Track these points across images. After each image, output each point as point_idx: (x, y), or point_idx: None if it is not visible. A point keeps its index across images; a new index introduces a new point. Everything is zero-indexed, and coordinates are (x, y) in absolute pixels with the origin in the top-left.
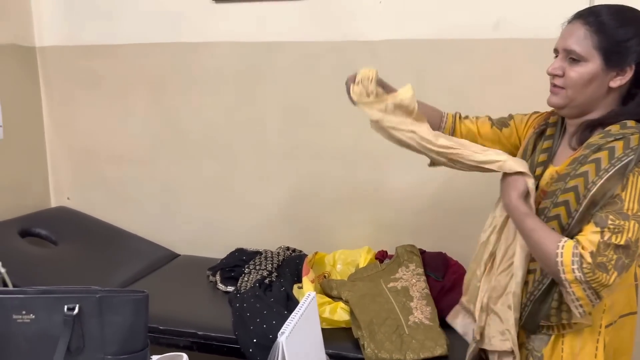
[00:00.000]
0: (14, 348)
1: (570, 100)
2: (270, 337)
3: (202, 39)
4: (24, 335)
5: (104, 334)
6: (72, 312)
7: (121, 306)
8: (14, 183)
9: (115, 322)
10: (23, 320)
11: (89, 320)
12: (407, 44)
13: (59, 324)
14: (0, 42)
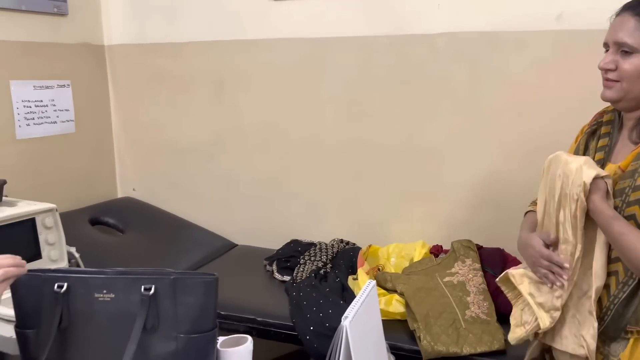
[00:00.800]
0: (95, 324)
1: (626, 93)
2: (327, 325)
3: (261, 36)
4: (104, 312)
5: (177, 314)
6: (149, 292)
7: (193, 287)
8: (85, 174)
9: (187, 302)
10: (104, 298)
11: (163, 300)
12: (465, 36)
13: (136, 303)
14: (73, 41)
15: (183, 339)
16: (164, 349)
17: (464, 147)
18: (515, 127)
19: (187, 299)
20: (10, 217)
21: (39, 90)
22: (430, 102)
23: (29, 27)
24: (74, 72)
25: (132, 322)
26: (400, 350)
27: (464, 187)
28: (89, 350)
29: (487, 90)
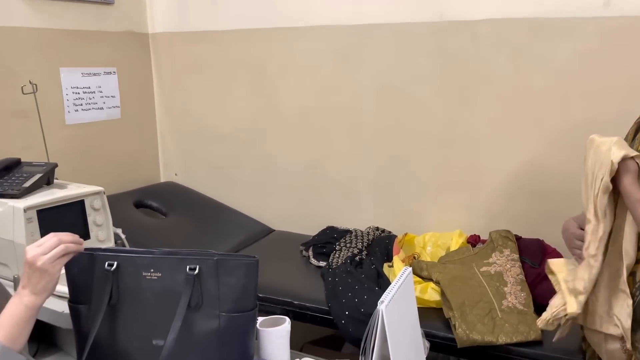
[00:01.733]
0: (143, 301)
1: None
2: (362, 310)
3: (301, 24)
4: (151, 290)
5: (220, 293)
6: (193, 272)
7: (235, 268)
8: (129, 159)
9: (229, 282)
10: (151, 277)
11: (207, 280)
12: (508, 23)
13: (181, 282)
14: (119, 29)
15: (225, 317)
16: (207, 326)
17: (504, 135)
18: (558, 116)
19: (229, 280)
20: (61, 199)
21: (86, 77)
22: (470, 89)
23: (77, 15)
24: (119, 60)
25: (177, 300)
26: (435, 338)
27: (503, 176)
28: (136, 325)
29: (530, 78)
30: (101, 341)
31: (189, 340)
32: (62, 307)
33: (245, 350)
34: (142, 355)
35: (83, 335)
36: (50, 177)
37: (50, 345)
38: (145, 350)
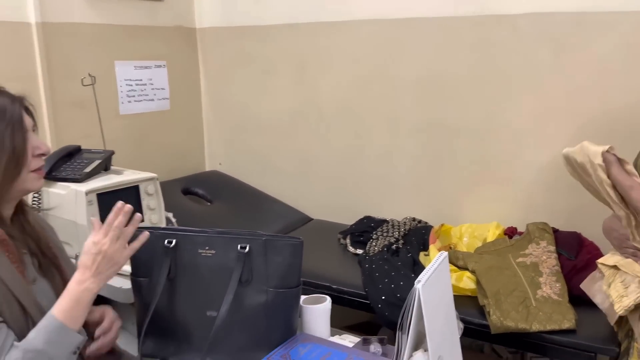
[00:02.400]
0: (198, 275)
1: None
2: (398, 295)
3: (342, 18)
4: (206, 265)
5: (268, 270)
6: (244, 250)
7: (282, 248)
8: (177, 148)
9: (276, 261)
10: (206, 254)
11: (256, 258)
12: (549, 17)
13: (233, 259)
14: (168, 25)
15: (272, 293)
16: (256, 300)
17: (543, 128)
18: (598, 110)
19: (277, 258)
20: (118, 184)
21: (139, 70)
22: (510, 83)
23: (131, 11)
24: (169, 53)
25: (229, 275)
26: (470, 324)
27: (542, 169)
28: (192, 297)
29: (570, 71)
30: (160, 312)
31: (239, 312)
32: (120, 283)
33: (290, 323)
34: (197, 325)
35: (144, 306)
36: (108, 163)
37: None
38: (199, 320)
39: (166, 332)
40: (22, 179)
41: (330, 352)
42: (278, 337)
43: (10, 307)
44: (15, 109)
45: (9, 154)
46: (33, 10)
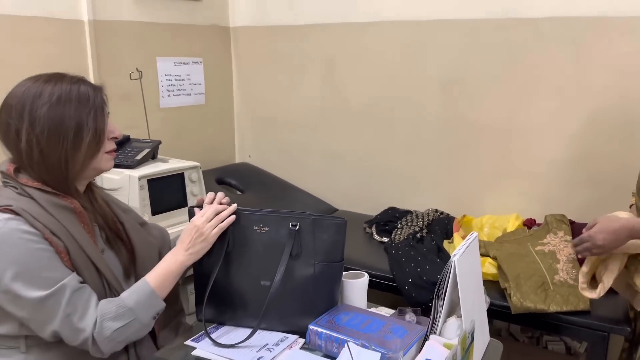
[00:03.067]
0: (253, 249)
1: None
2: (424, 278)
3: (370, 19)
4: (260, 241)
5: (315, 246)
6: (295, 228)
7: (328, 227)
8: (210, 140)
9: (323, 238)
10: (260, 230)
11: (305, 235)
12: (570, 21)
13: (284, 235)
14: (205, 23)
15: (319, 266)
16: (305, 272)
17: (563, 127)
18: (616, 111)
19: (323, 235)
20: (165, 171)
21: (178, 66)
22: (531, 83)
23: (172, 10)
24: (205, 51)
25: (281, 250)
26: (492, 306)
27: (560, 165)
28: (248, 268)
29: (590, 73)
30: (219, 281)
31: (290, 283)
32: None
33: (333, 294)
34: (252, 293)
35: (203, 276)
36: (155, 152)
37: None
38: (254, 289)
39: (223, 300)
40: (98, 159)
41: (370, 319)
42: (323, 306)
43: (88, 271)
44: (97, 96)
45: (92, 134)
46: (86, 9)
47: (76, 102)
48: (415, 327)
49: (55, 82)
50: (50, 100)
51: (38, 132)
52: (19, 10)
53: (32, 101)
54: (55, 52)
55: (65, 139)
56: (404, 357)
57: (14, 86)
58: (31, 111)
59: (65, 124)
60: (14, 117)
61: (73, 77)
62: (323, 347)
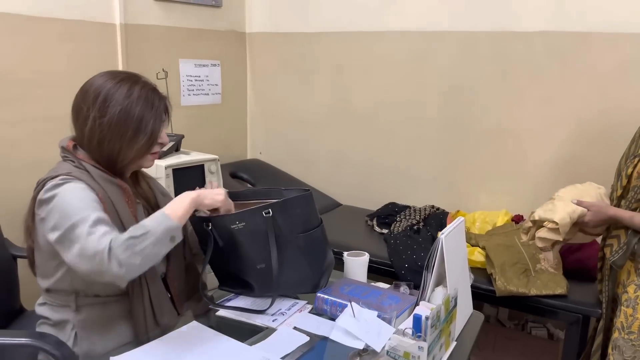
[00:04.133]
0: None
1: None
2: (419, 264)
3: (377, 29)
4: (242, 234)
5: (291, 222)
6: (269, 215)
7: (297, 203)
8: (225, 137)
9: (296, 213)
10: (238, 227)
11: (279, 216)
12: (559, 35)
13: (261, 222)
14: (223, 29)
15: (302, 237)
16: (292, 245)
17: (549, 132)
18: (598, 119)
19: (295, 211)
20: (188, 162)
21: (198, 67)
22: (522, 91)
23: (193, 16)
24: (222, 54)
25: (262, 236)
26: (479, 290)
27: (547, 167)
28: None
29: (575, 83)
30: (224, 269)
31: (284, 258)
32: None
33: (325, 253)
34: (251, 276)
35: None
36: (179, 145)
37: None
38: (252, 271)
39: (232, 280)
40: (144, 158)
41: (369, 290)
42: (319, 266)
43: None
44: (161, 104)
45: (147, 137)
46: (118, 13)
47: (143, 106)
48: (408, 297)
49: (131, 84)
50: (122, 98)
51: (103, 123)
52: (62, 14)
53: (107, 94)
54: (91, 52)
55: (124, 136)
56: (397, 318)
57: (91, 76)
58: (104, 102)
59: (128, 122)
60: (87, 103)
61: (146, 82)
62: (328, 311)
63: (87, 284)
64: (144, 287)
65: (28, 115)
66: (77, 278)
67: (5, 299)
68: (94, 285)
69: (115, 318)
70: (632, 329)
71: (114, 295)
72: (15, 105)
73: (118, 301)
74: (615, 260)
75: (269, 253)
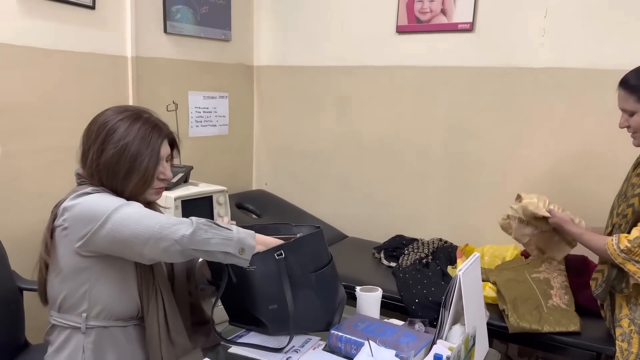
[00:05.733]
0: (252, 283)
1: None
2: (430, 299)
3: (383, 64)
4: (254, 276)
5: (303, 261)
6: (281, 256)
7: (307, 241)
8: (231, 168)
9: (307, 252)
10: (250, 269)
11: (291, 256)
12: (565, 72)
13: (273, 264)
14: (232, 62)
15: (313, 276)
16: (304, 284)
17: (558, 168)
18: (604, 153)
19: (306, 250)
20: (197, 194)
21: (207, 99)
22: (528, 126)
23: (203, 50)
24: (230, 86)
25: (274, 277)
26: (490, 326)
27: (553, 201)
28: (254, 297)
29: (582, 120)
30: (236, 306)
31: (296, 297)
32: None
33: (336, 290)
34: (264, 316)
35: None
36: (187, 176)
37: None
38: (264, 313)
39: (244, 317)
40: (145, 193)
41: (384, 327)
42: (331, 303)
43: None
44: (158, 142)
45: (141, 176)
46: (129, 46)
47: (138, 145)
48: (423, 334)
49: (132, 121)
50: (118, 137)
51: (100, 161)
52: (74, 47)
53: (106, 134)
54: (103, 84)
55: (117, 174)
56: (414, 357)
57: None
58: (102, 141)
59: (121, 162)
60: (90, 139)
61: (148, 118)
62: (343, 349)
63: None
64: (160, 304)
65: (39, 147)
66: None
67: (10, 332)
68: (110, 306)
69: (128, 342)
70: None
71: (127, 319)
72: (26, 137)
73: (130, 326)
74: (598, 294)
75: (282, 294)
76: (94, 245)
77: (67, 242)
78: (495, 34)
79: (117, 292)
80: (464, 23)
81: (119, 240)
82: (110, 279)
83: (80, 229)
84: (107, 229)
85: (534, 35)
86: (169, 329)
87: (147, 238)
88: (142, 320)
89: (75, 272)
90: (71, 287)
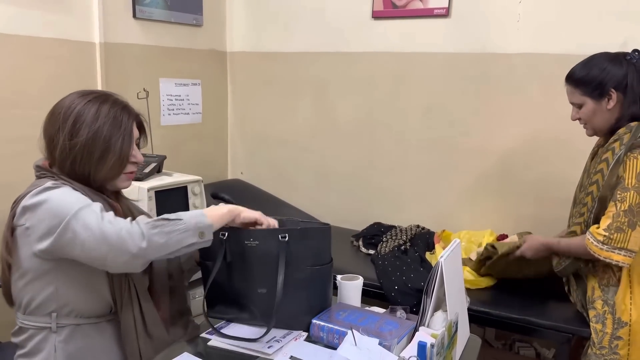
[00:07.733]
0: (248, 260)
1: (593, 129)
2: (409, 285)
3: (360, 49)
4: (253, 252)
5: (304, 253)
6: (285, 239)
7: (314, 234)
8: (205, 157)
9: (310, 244)
10: (251, 244)
11: (293, 244)
12: (539, 57)
13: (274, 246)
14: (204, 48)
15: (310, 270)
16: (298, 276)
17: (534, 150)
18: (581, 138)
19: (310, 242)
20: (171, 184)
21: (178, 87)
22: (504, 111)
23: (174, 35)
24: (203, 73)
25: (273, 259)
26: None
27: (531, 185)
28: (245, 277)
29: (556, 104)
30: (223, 287)
31: (287, 287)
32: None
33: (326, 293)
34: (250, 299)
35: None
36: (161, 166)
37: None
38: (252, 295)
39: (228, 302)
40: (118, 179)
41: (366, 315)
42: (318, 304)
43: None
44: (129, 123)
45: (117, 157)
46: (97, 32)
47: (110, 126)
48: (405, 322)
49: (100, 103)
50: (90, 119)
51: (73, 145)
52: (37, 32)
53: (76, 116)
54: (70, 71)
55: (92, 157)
56: (397, 344)
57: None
58: (73, 124)
59: (96, 144)
60: (57, 125)
61: (116, 100)
62: (325, 338)
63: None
64: (134, 299)
65: (1, 136)
66: (63, 296)
67: None
68: (79, 305)
69: (103, 338)
70: (602, 344)
71: (100, 316)
72: None
73: (103, 322)
74: (561, 270)
75: (274, 278)
76: (53, 255)
77: (29, 244)
78: (470, 19)
79: (85, 291)
80: (439, 8)
81: (77, 255)
82: (76, 279)
83: (39, 236)
84: (66, 240)
85: (509, 20)
86: (145, 322)
87: (103, 256)
88: (116, 315)
89: (39, 274)
90: (36, 289)
